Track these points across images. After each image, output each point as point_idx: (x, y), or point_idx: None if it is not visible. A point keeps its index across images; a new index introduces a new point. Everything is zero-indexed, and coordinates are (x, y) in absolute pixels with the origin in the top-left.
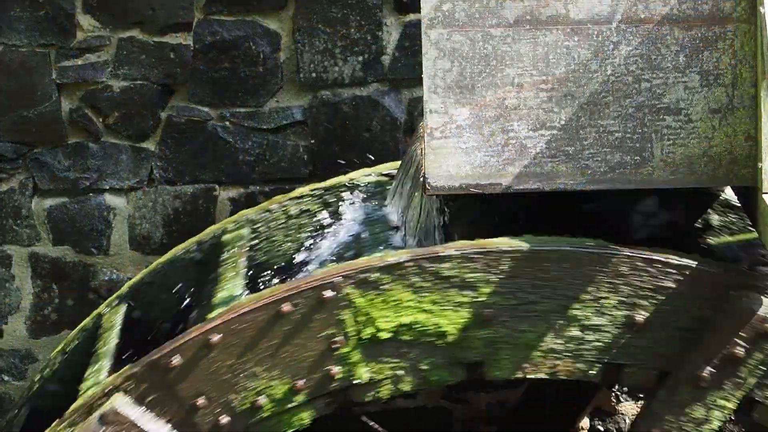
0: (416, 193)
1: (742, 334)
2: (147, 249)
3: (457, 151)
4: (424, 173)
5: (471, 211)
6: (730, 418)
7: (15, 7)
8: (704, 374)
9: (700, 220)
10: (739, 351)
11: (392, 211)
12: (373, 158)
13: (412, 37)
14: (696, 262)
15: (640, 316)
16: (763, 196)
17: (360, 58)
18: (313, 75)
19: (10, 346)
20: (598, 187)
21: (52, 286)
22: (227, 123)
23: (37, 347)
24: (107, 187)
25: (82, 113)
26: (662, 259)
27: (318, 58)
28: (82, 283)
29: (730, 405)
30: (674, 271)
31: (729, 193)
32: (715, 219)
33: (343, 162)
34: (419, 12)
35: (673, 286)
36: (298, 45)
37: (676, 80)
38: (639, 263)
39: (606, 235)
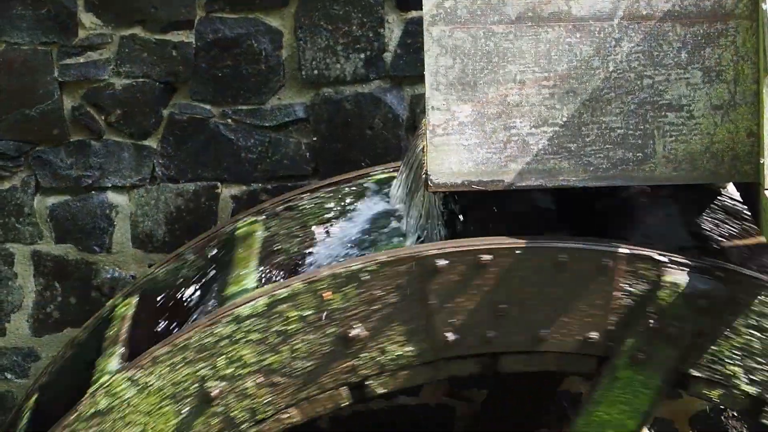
0: (418, 191)
1: None
2: (149, 247)
3: (459, 148)
4: (426, 170)
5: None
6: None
7: (17, 5)
8: None
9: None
10: None
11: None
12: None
13: (414, 35)
14: None
15: None
16: (765, 192)
17: (362, 56)
18: (315, 72)
19: (13, 345)
20: (600, 183)
21: (55, 284)
22: (229, 121)
23: (39, 345)
24: (109, 185)
25: (84, 111)
26: None
27: (320, 55)
28: (84, 282)
29: None
30: None
31: (731, 190)
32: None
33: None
34: (421, 9)
35: None
36: (299, 42)
37: (678, 77)
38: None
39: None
